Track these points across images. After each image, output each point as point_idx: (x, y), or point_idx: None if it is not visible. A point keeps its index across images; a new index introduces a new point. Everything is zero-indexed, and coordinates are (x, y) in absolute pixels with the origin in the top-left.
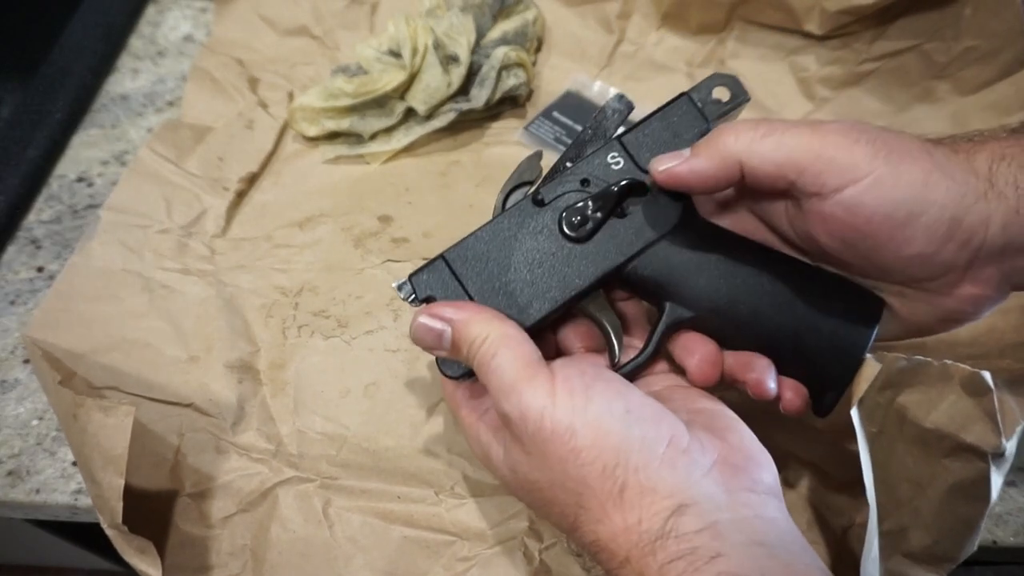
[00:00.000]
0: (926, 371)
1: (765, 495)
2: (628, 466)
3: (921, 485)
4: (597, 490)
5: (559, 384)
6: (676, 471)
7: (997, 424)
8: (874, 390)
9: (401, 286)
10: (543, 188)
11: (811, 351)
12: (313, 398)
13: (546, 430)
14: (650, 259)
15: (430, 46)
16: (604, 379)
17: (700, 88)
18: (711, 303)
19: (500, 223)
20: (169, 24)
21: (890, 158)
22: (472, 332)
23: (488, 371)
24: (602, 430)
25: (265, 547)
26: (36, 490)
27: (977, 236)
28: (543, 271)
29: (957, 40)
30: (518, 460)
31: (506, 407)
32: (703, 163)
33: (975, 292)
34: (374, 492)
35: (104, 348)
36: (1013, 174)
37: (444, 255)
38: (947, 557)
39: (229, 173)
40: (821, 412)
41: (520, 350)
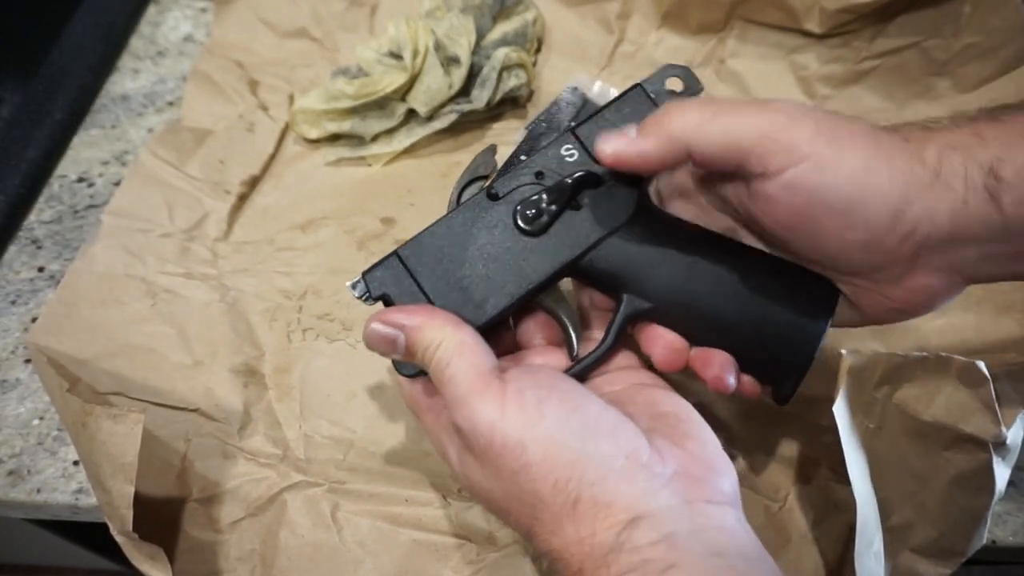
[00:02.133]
0: (922, 365)
1: (724, 505)
2: (583, 480)
3: (924, 479)
4: (550, 503)
5: (510, 397)
6: (634, 484)
7: (996, 413)
8: (870, 386)
9: (355, 284)
10: (497, 182)
11: (769, 338)
12: (319, 402)
13: (496, 444)
14: (606, 251)
15: (431, 47)
16: (560, 390)
17: (653, 79)
18: (669, 294)
19: (454, 218)
20: (169, 24)
21: (833, 141)
22: (426, 338)
23: (442, 380)
24: (555, 445)
25: (274, 552)
26: (37, 490)
27: (922, 227)
28: (499, 266)
29: (957, 37)
30: (472, 467)
31: (458, 418)
32: (650, 145)
33: (924, 283)
34: (382, 496)
35: (108, 354)
36: (963, 164)
37: (398, 251)
38: (955, 551)
39: (230, 176)
40: (780, 399)
41: (474, 359)
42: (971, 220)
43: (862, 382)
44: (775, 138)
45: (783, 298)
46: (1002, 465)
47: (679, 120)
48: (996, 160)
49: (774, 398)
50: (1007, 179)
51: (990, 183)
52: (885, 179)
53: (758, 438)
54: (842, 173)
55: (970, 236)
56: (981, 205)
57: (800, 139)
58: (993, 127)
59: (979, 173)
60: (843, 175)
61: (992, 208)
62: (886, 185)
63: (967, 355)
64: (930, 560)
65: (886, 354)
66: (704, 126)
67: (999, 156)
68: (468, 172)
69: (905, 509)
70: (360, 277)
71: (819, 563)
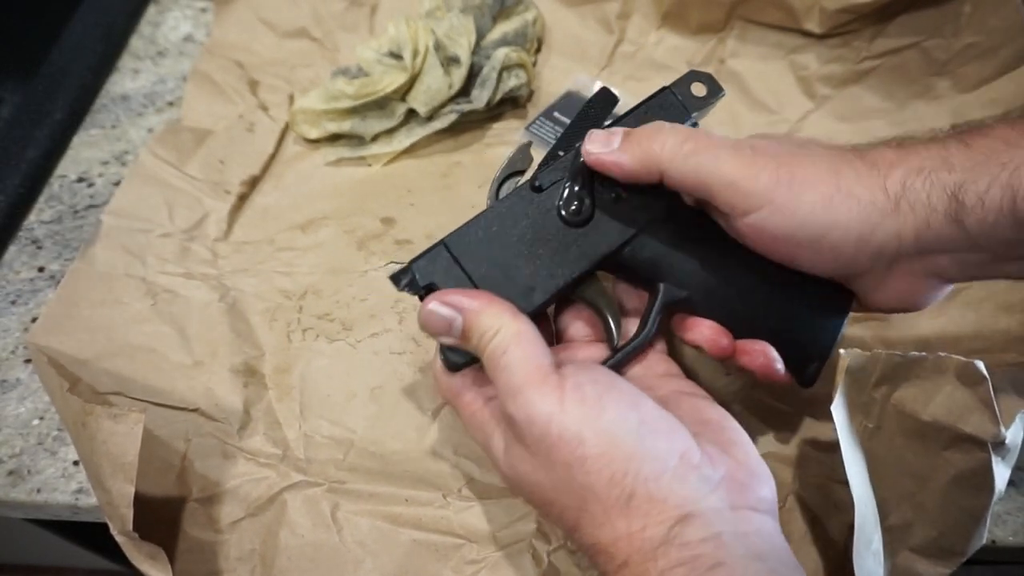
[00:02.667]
0: (921, 364)
1: (764, 513)
2: (639, 476)
3: (923, 479)
4: (603, 497)
5: (569, 391)
6: (686, 484)
7: (995, 412)
8: (869, 386)
9: (398, 276)
10: (540, 174)
11: (796, 324)
12: (319, 402)
13: (552, 435)
14: (645, 241)
15: (431, 47)
16: (617, 389)
17: (679, 83)
18: (703, 283)
19: (499, 209)
20: (169, 24)
21: (792, 186)
22: (484, 324)
23: (497, 368)
24: (614, 440)
25: (274, 552)
26: (37, 490)
27: (889, 247)
28: (543, 256)
29: (957, 37)
30: (520, 458)
31: (511, 408)
32: (627, 159)
33: (904, 286)
34: (382, 496)
35: (108, 354)
36: (927, 190)
37: (444, 241)
38: (954, 551)
39: (230, 176)
40: (807, 382)
41: (532, 349)
42: (937, 237)
43: (861, 382)
44: (738, 185)
45: (808, 288)
46: (1002, 465)
47: (658, 145)
48: (958, 185)
49: (799, 382)
50: (968, 204)
51: (952, 207)
52: (844, 213)
53: (758, 438)
54: (800, 216)
55: (939, 248)
56: (944, 226)
57: (760, 188)
58: (960, 151)
59: (941, 198)
60: (801, 218)
61: (956, 228)
62: (847, 218)
63: (966, 355)
64: (930, 560)
65: (885, 354)
66: (678, 161)
67: (962, 181)
68: (506, 167)
69: (904, 509)
70: (407, 266)
71: (819, 563)
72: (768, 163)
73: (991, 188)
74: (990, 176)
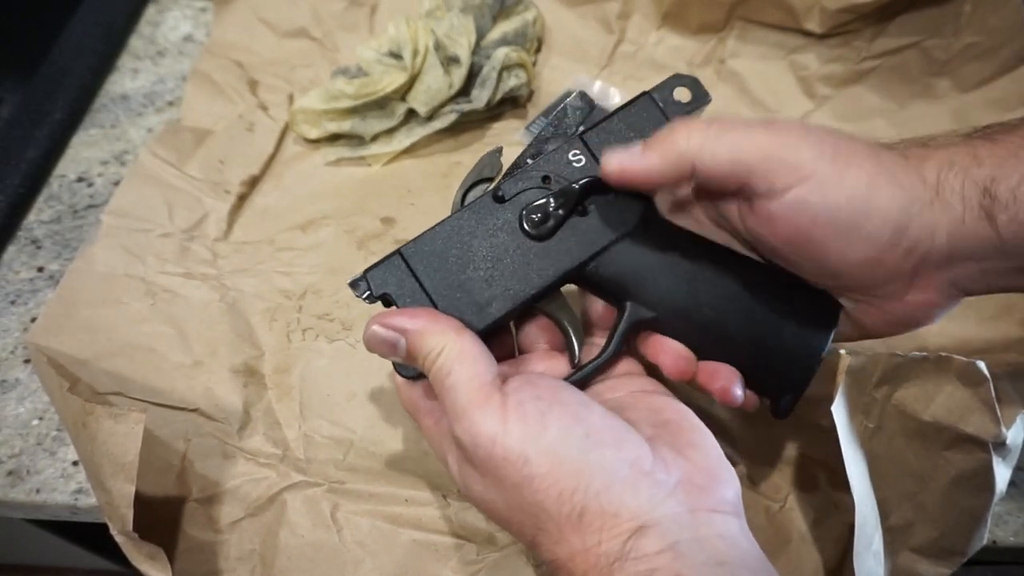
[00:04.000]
0: (922, 365)
1: (726, 514)
2: (588, 491)
3: (924, 479)
4: (554, 514)
5: (511, 409)
6: (639, 493)
7: (995, 413)
8: (870, 386)
9: (356, 282)
10: (503, 184)
11: (770, 353)
12: (319, 402)
13: (498, 457)
14: (611, 258)
15: (431, 47)
16: (561, 403)
17: (661, 88)
18: (672, 304)
19: (459, 219)
20: (169, 24)
21: (836, 160)
22: (427, 345)
23: (442, 389)
24: (558, 457)
25: (274, 552)
26: (36, 490)
27: (922, 244)
28: (502, 269)
29: (957, 37)
30: (472, 479)
31: (458, 431)
32: (655, 161)
33: (923, 299)
34: (382, 496)
35: (108, 353)
36: (960, 183)
37: (401, 251)
38: (955, 550)
39: (230, 176)
40: (779, 414)
41: (475, 368)
42: (968, 238)
43: (861, 382)
44: (779, 157)
45: (786, 313)
46: (1002, 465)
47: (685, 137)
48: (990, 179)
49: (773, 412)
50: (1001, 198)
51: (986, 202)
52: (887, 197)
53: (758, 439)
54: (845, 192)
55: (968, 254)
56: (977, 224)
57: (804, 159)
58: (987, 146)
59: (975, 192)
60: (846, 194)
61: (988, 227)
62: (888, 203)
63: (967, 355)
64: (930, 560)
65: (885, 354)
66: (709, 144)
67: (993, 175)
68: (473, 173)
69: (905, 509)
70: (362, 275)
71: (819, 563)
72: (808, 137)
73: (1022, 184)
74: (1020, 172)
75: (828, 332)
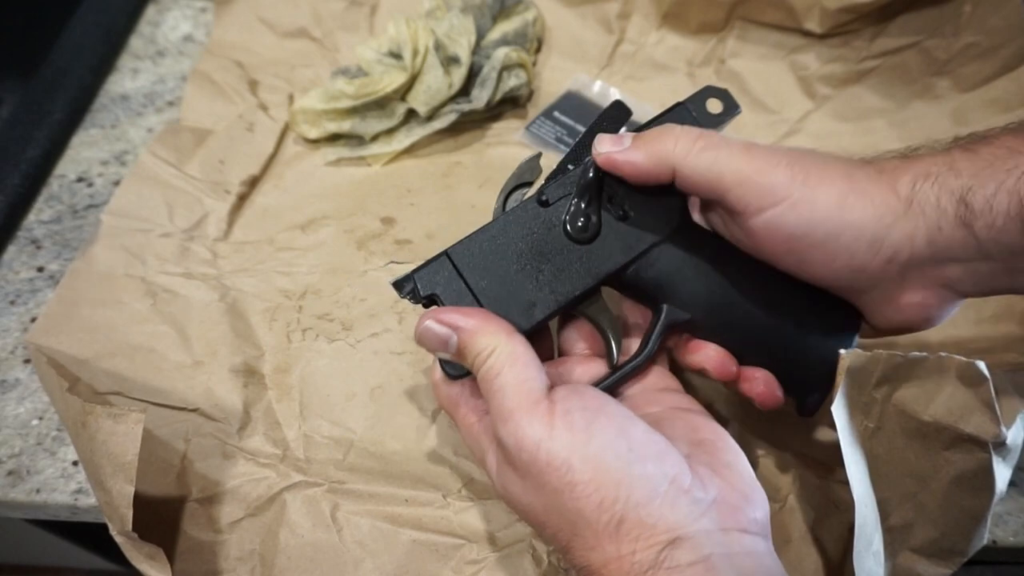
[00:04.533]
0: (922, 365)
1: (756, 535)
2: (628, 502)
3: (924, 479)
4: (592, 522)
5: (559, 417)
6: (676, 508)
7: (995, 413)
8: (870, 386)
9: (401, 283)
10: (547, 188)
11: (799, 353)
12: (319, 402)
13: (541, 462)
14: (650, 262)
15: (431, 47)
16: (607, 414)
17: (695, 99)
18: (707, 305)
19: (505, 221)
20: (169, 24)
21: (807, 182)
22: (479, 344)
23: (490, 390)
24: (602, 467)
25: (274, 552)
26: (36, 490)
27: (903, 251)
28: (546, 271)
29: (957, 37)
30: (511, 480)
31: (502, 432)
32: (639, 157)
33: (917, 300)
34: (382, 496)
35: (108, 353)
36: (936, 193)
37: (448, 252)
38: (955, 551)
39: (230, 176)
40: (806, 412)
41: (525, 372)
42: (948, 243)
43: (861, 382)
44: (754, 181)
45: (813, 315)
46: (1002, 465)
47: (670, 143)
48: (967, 189)
49: (799, 411)
50: (976, 207)
51: (961, 211)
52: (859, 212)
53: (758, 438)
54: (818, 212)
55: (950, 257)
56: (955, 230)
57: (777, 183)
58: (965, 156)
59: (950, 201)
60: (819, 214)
61: (966, 232)
62: (861, 217)
63: (967, 355)
64: (930, 560)
65: (886, 354)
66: (691, 155)
67: (970, 185)
68: (514, 178)
69: (905, 509)
70: (408, 275)
71: (819, 563)
72: (782, 160)
73: (998, 193)
74: (996, 182)
75: (853, 334)
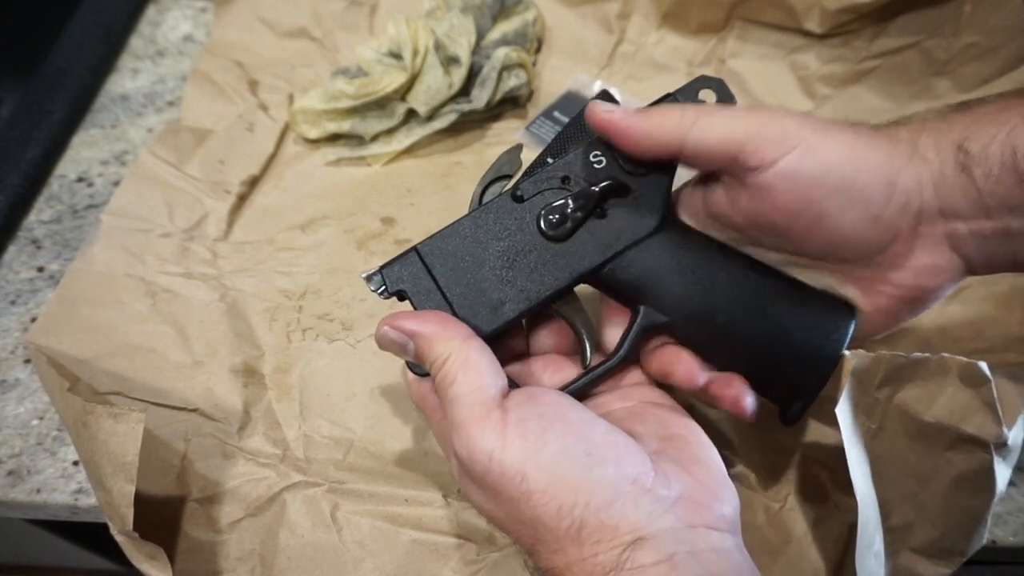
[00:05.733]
0: (924, 365)
1: (723, 532)
2: (588, 507)
3: (925, 479)
4: (552, 527)
5: (511, 426)
6: (639, 508)
7: (997, 413)
8: (872, 387)
9: (371, 277)
10: (522, 184)
11: (783, 360)
12: (319, 402)
13: (494, 472)
14: (628, 262)
15: (431, 47)
16: (563, 420)
17: (686, 90)
18: (686, 309)
19: (477, 217)
20: (169, 24)
21: (816, 129)
22: (434, 351)
23: (445, 398)
24: (557, 474)
25: (274, 552)
26: (36, 490)
27: (914, 198)
28: (518, 269)
29: (957, 37)
30: (471, 489)
31: (455, 443)
32: (641, 125)
33: (927, 263)
34: (382, 496)
35: (108, 353)
36: (934, 141)
37: (417, 248)
38: (956, 551)
39: (230, 176)
40: (788, 421)
41: (479, 380)
42: (952, 192)
43: (864, 383)
44: (766, 131)
45: (800, 320)
46: (1003, 465)
47: (676, 116)
48: (963, 138)
49: (781, 419)
50: (974, 153)
51: (960, 157)
52: (871, 155)
53: (759, 438)
54: (832, 154)
55: (956, 211)
56: (956, 177)
57: (788, 129)
58: (960, 114)
59: (950, 148)
60: (833, 156)
61: (966, 180)
62: (873, 159)
63: (968, 355)
64: (930, 560)
65: (888, 355)
66: (699, 122)
67: (966, 136)
68: (492, 170)
69: (906, 509)
70: (377, 270)
71: (819, 563)
72: (787, 113)
73: (992, 144)
74: (988, 134)
75: (843, 337)
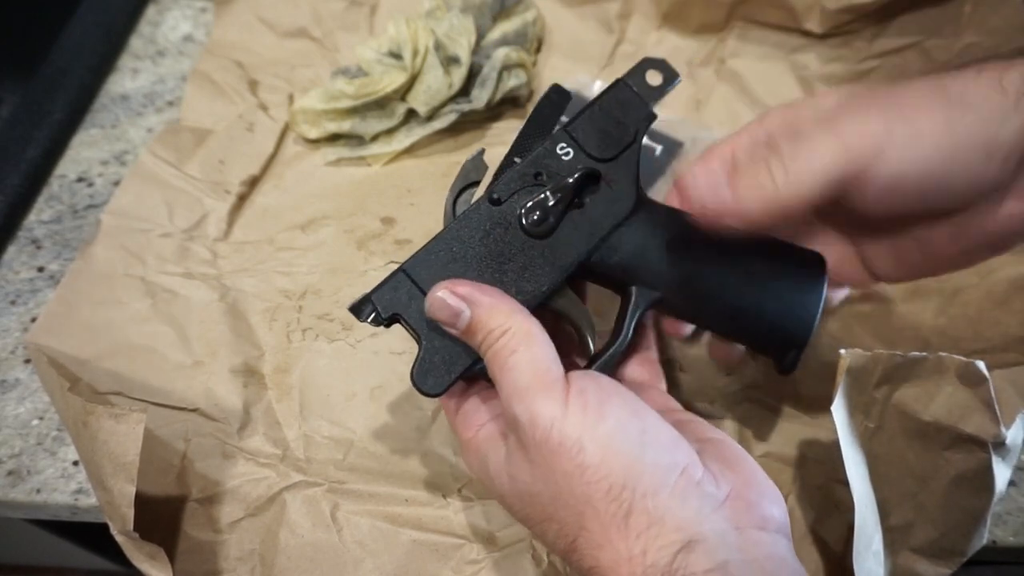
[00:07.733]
0: (922, 364)
1: (775, 533)
2: (636, 490)
3: (924, 479)
4: (601, 511)
5: (573, 396)
6: (686, 504)
7: (995, 413)
8: (870, 386)
9: (358, 307)
10: (497, 187)
11: (771, 314)
12: (319, 402)
13: (553, 441)
14: (613, 245)
15: (431, 47)
16: (622, 396)
17: (633, 73)
18: (676, 280)
19: (458, 227)
20: (169, 24)
21: (904, 117)
22: (493, 321)
23: (503, 367)
24: (612, 449)
25: (274, 552)
26: (36, 490)
27: (1017, 148)
28: (509, 271)
29: (957, 37)
30: (520, 468)
31: (517, 410)
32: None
33: (1016, 212)
34: (382, 496)
35: (108, 353)
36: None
37: (404, 268)
38: (955, 550)
39: (230, 176)
40: (785, 370)
41: (540, 352)
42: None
43: (861, 382)
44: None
45: (780, 274)
46: (1002, 465)
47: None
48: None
49: (778, 369)
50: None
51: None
52: (967, 124)
53: (758, 439)
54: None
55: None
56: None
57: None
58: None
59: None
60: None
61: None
62: (969, 127)
63: (967, 355)
64: (930, 560)
65: (886, 354)
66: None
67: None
68: (459, 179)
69: (905, 509)
70: (365, 298)
71: (819, 563)
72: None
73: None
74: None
75: (820, 289)
